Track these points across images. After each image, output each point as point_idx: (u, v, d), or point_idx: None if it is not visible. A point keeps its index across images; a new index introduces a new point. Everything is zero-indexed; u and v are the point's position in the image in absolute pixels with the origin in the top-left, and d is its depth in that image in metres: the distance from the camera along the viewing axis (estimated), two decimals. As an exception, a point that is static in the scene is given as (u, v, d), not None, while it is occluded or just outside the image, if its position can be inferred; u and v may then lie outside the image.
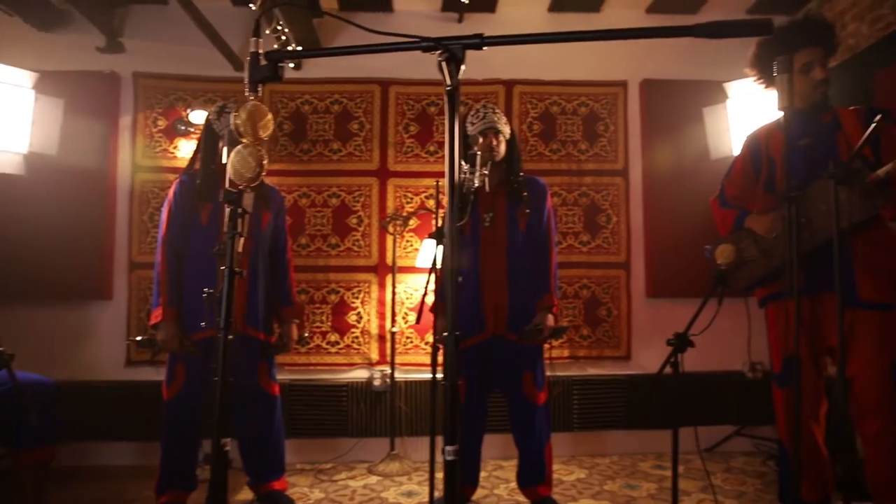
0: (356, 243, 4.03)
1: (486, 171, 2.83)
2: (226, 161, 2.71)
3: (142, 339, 2.93)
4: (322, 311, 4.00)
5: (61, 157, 3.72)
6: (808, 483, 2.55)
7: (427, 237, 3.75)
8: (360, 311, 4.00)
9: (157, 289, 2.82)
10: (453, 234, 1.19)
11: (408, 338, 3.99)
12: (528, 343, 2.90)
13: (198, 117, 3.82)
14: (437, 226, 2.73)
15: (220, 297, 1.36)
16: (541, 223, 2.98)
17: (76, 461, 3.74)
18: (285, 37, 3.52)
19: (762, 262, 2.63)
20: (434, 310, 3.04)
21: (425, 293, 2.62)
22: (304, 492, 3.38)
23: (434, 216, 3.69)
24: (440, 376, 1.20)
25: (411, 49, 1.25)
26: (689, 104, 4.06)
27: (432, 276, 2.54)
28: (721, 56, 3.70)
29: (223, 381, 1.27)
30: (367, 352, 3.99)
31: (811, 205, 2.42)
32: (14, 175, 3.66)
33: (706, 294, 2.47)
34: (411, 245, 4.00)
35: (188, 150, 3.86)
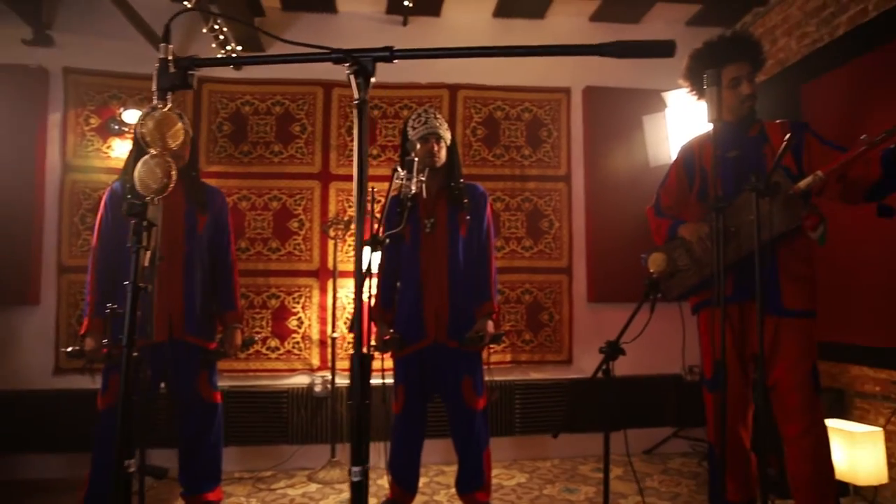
0: (297, 247, 3.97)
1: (423, 178, 2.83)
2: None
3: (72, 349, 2.82)
4: (262, 316, 3.92)
5: (-16, 155, 3.55)
6: (735, 485, 2.61)
7: (363, 243, 3.71)
8: (301, 317, 3.94)
9: (87, 298, 2.74)
10: (360, 248, 1.17)
11: (349, 343, 3.95)
12: (468, 349, 2.90)
13: (132, 116, 3.70)
14: (373, 232, 2.70)
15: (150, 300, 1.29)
16: (481, 229, 2.98)
17: (3, 475, 3.58)
18: (223, 36, 3.43)
19: (694, 271, 2.69)
20: (373, 316, 3.02)
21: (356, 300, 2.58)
22: (241, 502, 3.31)
23: (376, 220, 3.65)
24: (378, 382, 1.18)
25: (322, 60, 1.22)
26: (630, 112, 4.13)
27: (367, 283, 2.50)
28: (662, 65, 3.74)
29: (125, 401, 1.21)
30: (308, 357, 3.93)
31: (739, 215, 2.48)
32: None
33: (655, 298, 2.53)
34: (354, 249, 3.96)
35: (123, 151, 3.74)
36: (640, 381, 4.08)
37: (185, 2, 3.22)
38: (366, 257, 2.64)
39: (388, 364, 2.92)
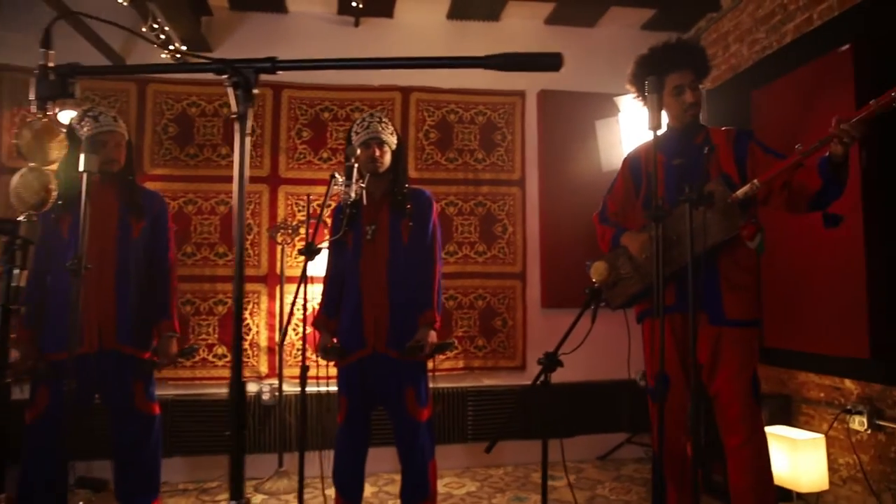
0: (245, 252, 3.87)
1: (362, 184, 2.78)
2: (83, 169, 2.57)
3: None
4: (209, 322, 3.83)
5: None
6: (676, 494, 2.60)
7: (298, 252, 3.64)
8: (248, 323, 3.86)
9: None
10: (240, 267, 1.11)
11: (298, 350, 3.87)
12: (410, 359, 2.84)
13: (67, 117, 3.57)
14: (309, 239, 2.63)
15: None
16: (425, 236, 2.93)
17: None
18: (165, 35, 3.33)
19: (637, 279, 2.67)
20: (315, 324, 2.96)
21: (291, 312, 2.52)
22: (181, 515, 3.23)
23: (326, 225, 3.58)
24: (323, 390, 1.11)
25: (202, 71, 1.16)
26: (586, 116, 4.11)
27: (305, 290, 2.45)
28: (619, 69, 3.74)
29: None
30: (255, 365, 3.85)
31: (680, 224, 2.45)
32: None
33: (604, 303, 2.52)
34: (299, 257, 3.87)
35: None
36: (594, 387, 4.07)
37: (123, 0, 3.13)
38: (321, 262, 2.59)
39: (333, 372, 2.88)
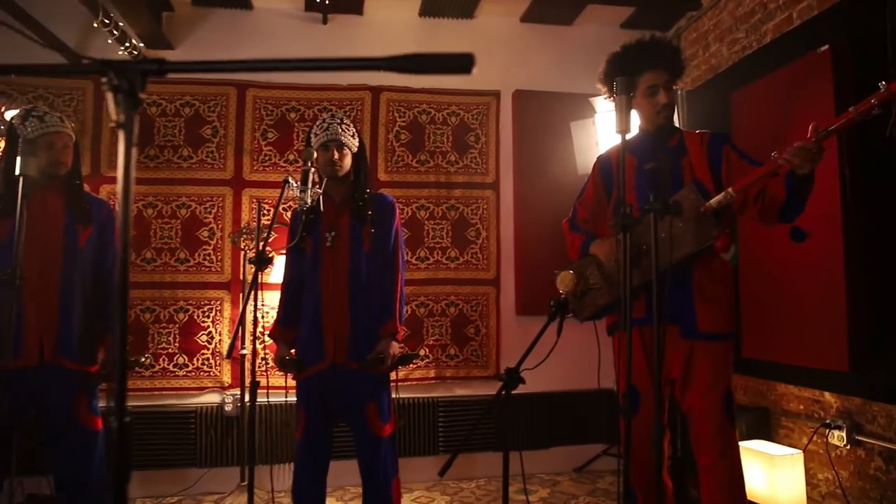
0: (207, 258, 3.73)
1: (319, 189, 2.66)
2: (19, 172, 2.42)
3: None
4: (169, 330, 3.68)
5: None
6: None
7: (249, 261, 3.51)
8: (211, 331, 3.71)
9: None
10: (123, 277, 0.97)
11: (263, 359, 3.73)
12: (371, 372, 2.72)
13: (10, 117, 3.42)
14: (259, 249, 2.50)
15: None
16: (387, 243, 2.80)
17: None
18: (118, 31, 3.18)
19: (606, 290, 2.55)
20: (272, 335, 2.84)
21: (238, 325, 2.39)
22: (135, 534, 3.08)
23: (284, 230, 3.45)
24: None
25: (81, 72, 1.02)
26: (563, 117, 3.98)
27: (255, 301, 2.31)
28: (595, 69, 3.62)
29: None
30: (218, 374, 3.70)
31: (651, 233, 2.33)
32: None
33: (572, 314, 2.44)
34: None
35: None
36: (571, 396, 3.95)
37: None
38: (281, 269, 2.45)
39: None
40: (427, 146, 3.96)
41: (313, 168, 2.66)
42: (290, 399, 2.54)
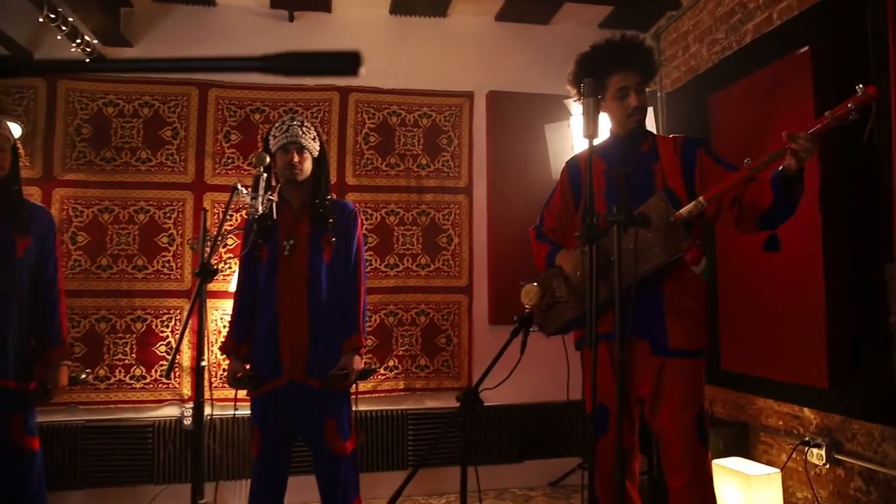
0: (167, 265, 3.58)
1: (271, 196, 2.52)
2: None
3: None
4: (126, 341, 3.52)
5: None
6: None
7: (194, 273, 3.36)
8: (170, 341, 3.56)
9: None
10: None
11: (224, 370, 3.57)
12: (332, 389, 2.59)
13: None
14: (203, 261, 2.35)
15: None
16: (349, 253, 2.67)
17: None
18: (66, 27, 3.02)
19: (573, 304, 2.42)
20: (224, 349, 2.71)
21: (179, 343, 2.24)
22: (83, 556, 2.93)
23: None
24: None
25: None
26: (539, 119, 3.84)
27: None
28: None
29: None
30: (177, 386, 3.55)
31: (616, 244, 2.20)
32: None
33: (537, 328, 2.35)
34: (230, 267, 3.58)
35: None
36: (545, 408, 3.81)
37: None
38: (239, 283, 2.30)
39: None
40: (397, 149, 3.82)
41: (265, 174, 2.53)
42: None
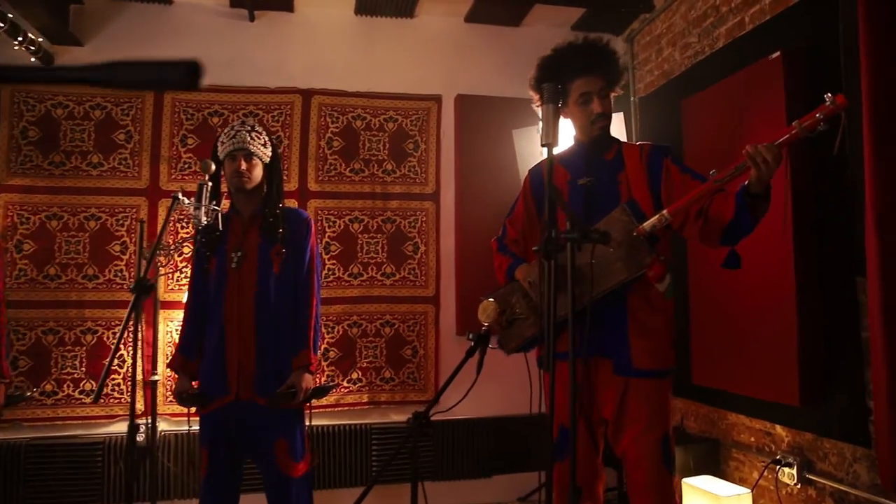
0: (119, 274, 3.42)
1: (215, 206, 2.40)
2: None
3: None
4: (75, 354, 3.36)
5: None
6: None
7: (129, 289, 3.22)
8: (122, 354, 3.40)
9: None
10: None
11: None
12: (281, 407, 2.45)
13: None
14: (142, 275, 2.21)
15: None
16: (300, 265, 2.55)
17: None
18: (6, 23, 2.85)
19: (533, 320, 2.31)
20: (172, 365, 2.57)
21: (112, 357, 2.10)
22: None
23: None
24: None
25: None
26: (508, 124, 3.72)
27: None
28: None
29: None
30: (130, 401, 3.39)
31: (581, 257, 2.09)
32: None
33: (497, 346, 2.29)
34: (186, 276, 3.43)
35: None
36: (513, 422, 3.70)
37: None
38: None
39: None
40: (362, 154, 3.68)
41: (210, 182, 2.41)
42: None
